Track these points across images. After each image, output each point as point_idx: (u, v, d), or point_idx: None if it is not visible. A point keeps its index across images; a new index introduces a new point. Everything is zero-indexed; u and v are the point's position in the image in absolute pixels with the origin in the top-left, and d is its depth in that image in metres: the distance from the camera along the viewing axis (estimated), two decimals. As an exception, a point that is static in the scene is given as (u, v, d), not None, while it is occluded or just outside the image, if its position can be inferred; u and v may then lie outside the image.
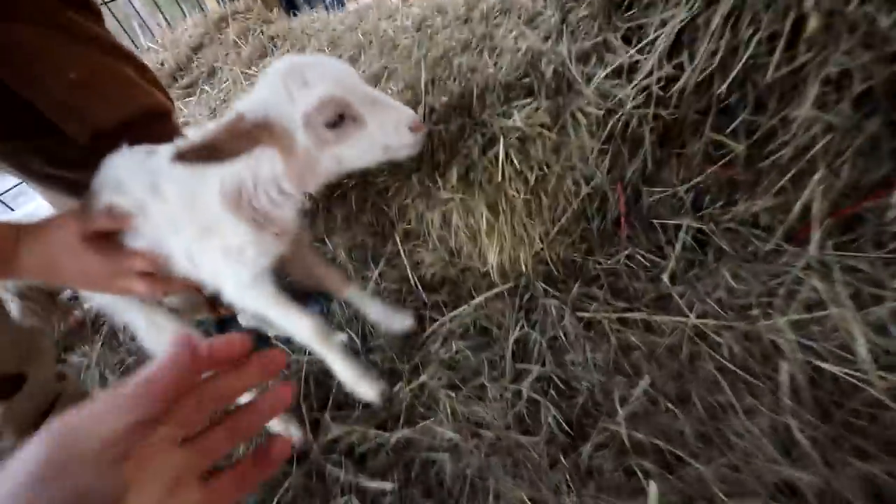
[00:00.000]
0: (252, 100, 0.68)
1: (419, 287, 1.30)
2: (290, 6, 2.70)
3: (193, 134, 0.77)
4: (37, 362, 0.89)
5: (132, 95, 0.88)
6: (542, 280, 1.25)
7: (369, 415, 1.20)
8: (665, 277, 1.12)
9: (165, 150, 0.74)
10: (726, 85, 0.91)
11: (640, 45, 0.99)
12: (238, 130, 0.62)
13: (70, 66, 0.82)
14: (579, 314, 1.18)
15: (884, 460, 0.78)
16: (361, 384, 1.03)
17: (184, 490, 0.33)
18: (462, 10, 1.29)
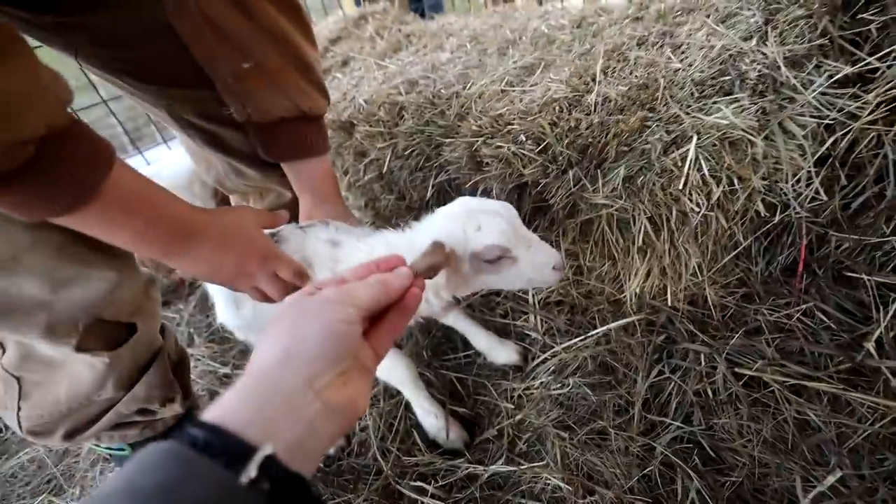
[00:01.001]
0: (438, 230, 0.82)
1: (535, 306, 1.15)
2: (421, 12, 2.79)
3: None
4: (147, 314, 0.86)
5: (291, 98, 0.93)
6: (689, 321, 1.04)
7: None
8: (870, 346, 0.87)
9: (346, 238, 0.94)
10: None
11: (882, 53, 0.80)
12: (443, 255, 0.74)
13: (245, 57, 0.86)
14: (737, 370, 0.95)
15: None
16: (442, 431, 1.02)
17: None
18: (631, 10, 1.17)
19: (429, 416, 1.04)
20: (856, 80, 0.84)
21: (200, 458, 0.31)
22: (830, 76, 0.83)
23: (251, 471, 0.31)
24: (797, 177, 0.83)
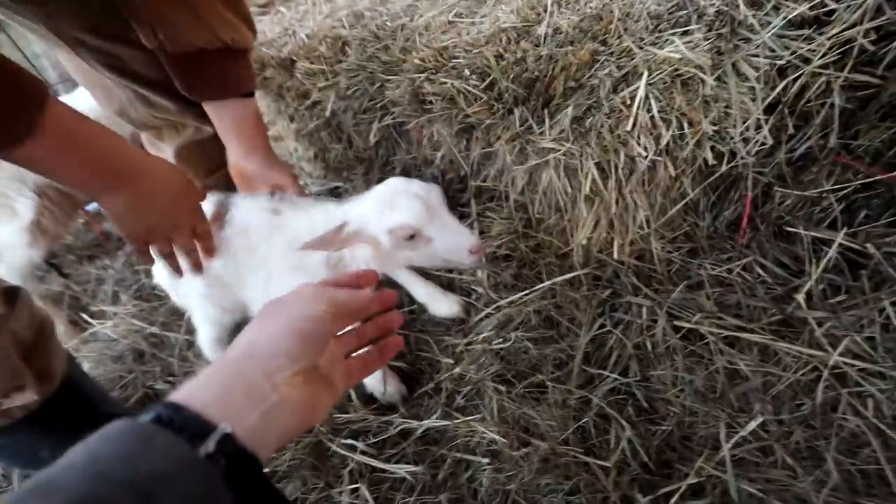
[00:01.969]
0: (356, 211, 0.89)
1: (483, 260, 1.10)
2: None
3: None
4: None
5: (212, 27, 0.83)
6: (634, 275, 1.03)
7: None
8: (800, 298, 0.88)
9: (289, 210, 0.98)
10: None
11: (840, -8, 0.76)
12: (340, 236, 0.86)
13: None
14: (677, 323, 0.95)
15: None
16: (379, 385, 1.02)
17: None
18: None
19: None
20: (812, 22, 0.81)
21: (163, 432, 0.33)
22: (786, 17, 0.79)
23: (209, 445, 0.33)
24: (746, 123, 0.79)
